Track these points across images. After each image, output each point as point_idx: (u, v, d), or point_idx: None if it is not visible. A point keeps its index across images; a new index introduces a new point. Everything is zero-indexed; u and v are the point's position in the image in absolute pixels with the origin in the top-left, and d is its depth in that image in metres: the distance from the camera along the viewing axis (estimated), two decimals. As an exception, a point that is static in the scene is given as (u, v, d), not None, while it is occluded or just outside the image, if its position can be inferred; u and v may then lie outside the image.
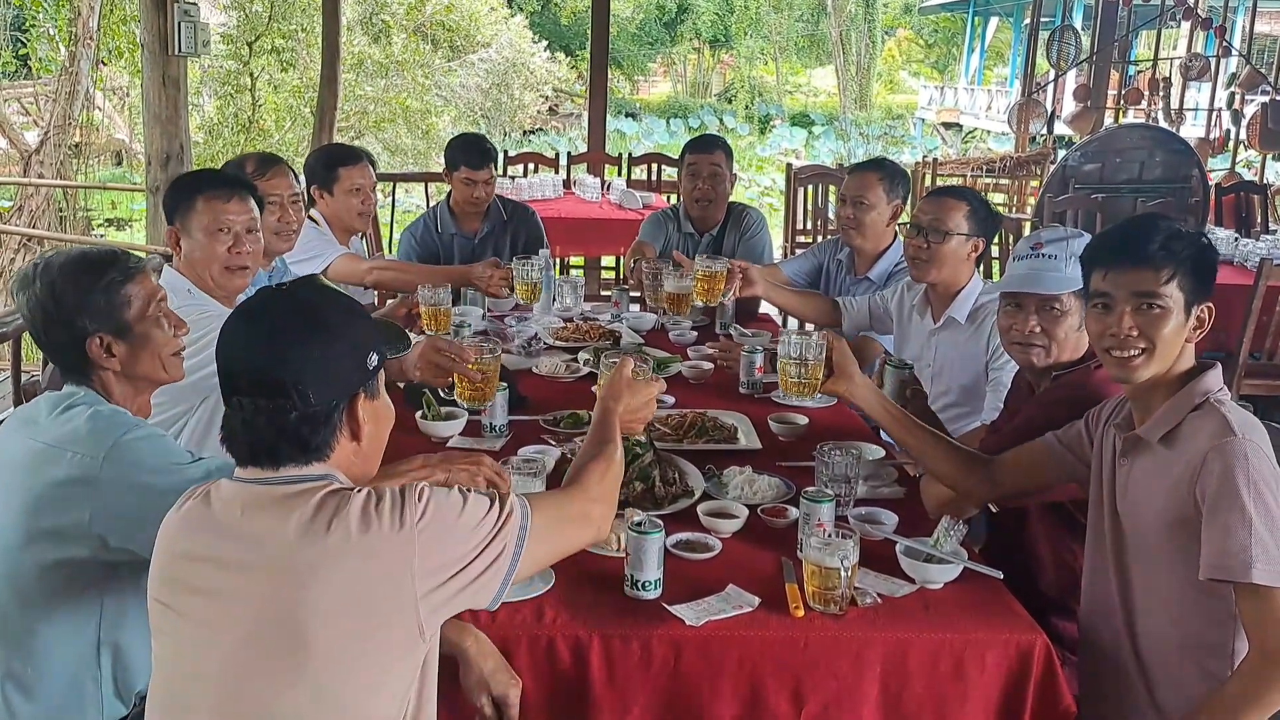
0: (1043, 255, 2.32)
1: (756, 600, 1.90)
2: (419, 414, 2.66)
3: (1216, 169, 9.29)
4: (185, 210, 2.57)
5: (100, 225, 12.51)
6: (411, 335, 2.62)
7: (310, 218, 3.85)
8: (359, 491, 1.42)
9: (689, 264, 3.52)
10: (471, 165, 4.23)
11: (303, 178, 3.72)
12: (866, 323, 3.49)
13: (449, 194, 4.40)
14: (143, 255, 2.30)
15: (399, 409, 1.78)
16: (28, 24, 11.21)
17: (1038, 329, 2.33)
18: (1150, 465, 1.90)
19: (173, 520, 1.47)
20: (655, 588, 1.90)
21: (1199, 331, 1.90)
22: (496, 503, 1.49)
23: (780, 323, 4.41)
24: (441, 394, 2.64)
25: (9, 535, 1.82)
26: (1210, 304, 1.90)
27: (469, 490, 1.50)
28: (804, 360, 2.34)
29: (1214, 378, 1.89)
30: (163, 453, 1.82)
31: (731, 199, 4.32)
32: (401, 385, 2.71)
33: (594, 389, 3.07)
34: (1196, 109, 10.43)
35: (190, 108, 5.60)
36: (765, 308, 4.35)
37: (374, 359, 1.51)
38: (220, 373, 1.47)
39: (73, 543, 1.78)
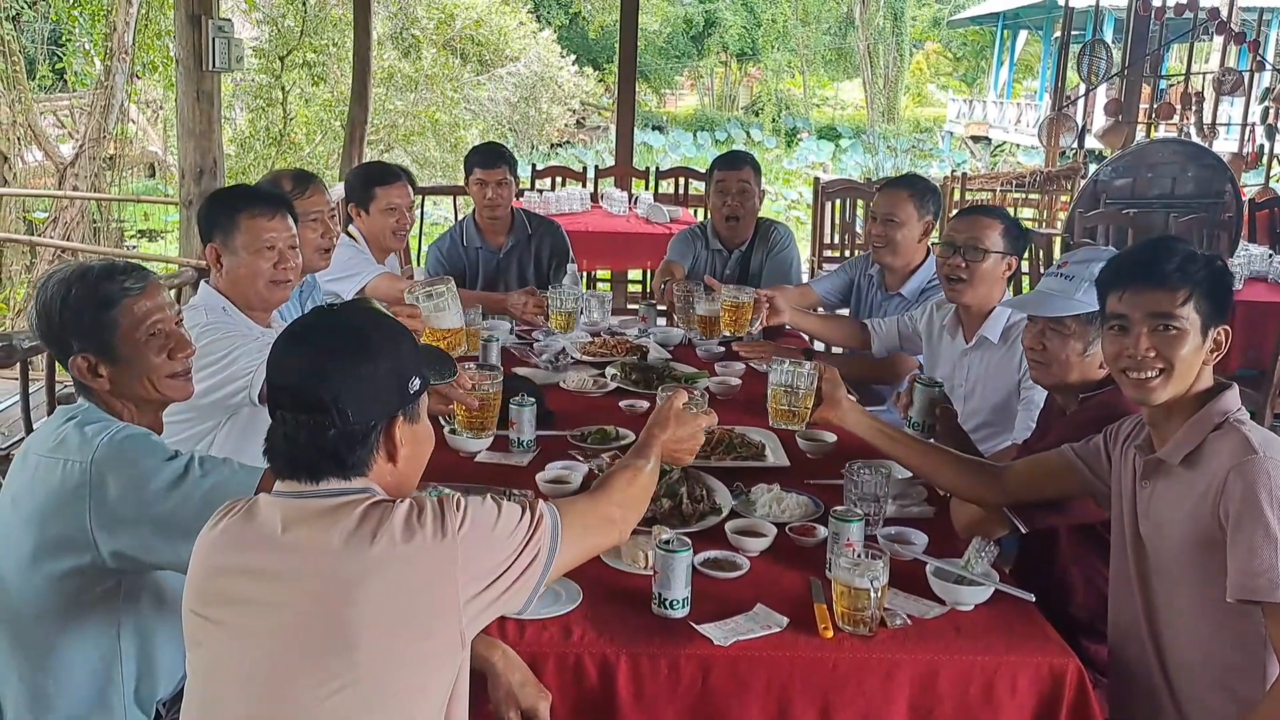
0: (1061, 275, 2.32)
1: (785, 620, 1.89)
2: (447, 429, 2.67)
3: (1250, 184, 9.20)
4: (227, 228, 2.57)
5: (133, 236, 12.65)
6: None
7: (348, 234, 3.87)
8: (401, 503, 1.46)
9: (720, 287, 3.52)
10: (484, 165, 4.25)
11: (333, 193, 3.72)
12: (896, 343, 3.48)
13: (473, 209, 4.43)
14: (165, 273, 2.30)
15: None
16: (64, 38, 11.35)
17: (1039, 345, 2.33)
18: (1172, 487, 1.88)
19: (210, 535, 1.50)
20: (683, 606, 1.89)
21: (1216, 354, 1.89)
22: (527, 510, 1.56)
23: (807, 339, 4.40)
24: (443, 421, 2.63)
25: (21, 550, 1.84)
26: (1227, 326, 1.89)
27: (502, 499, 1.55)
28: (794, 389, 2.35)
29: (1232, 398, 1.88)
30: (145, 449, 1.83)
31: (759, 214, 4.32)
32: None
33: (621, 404, 3.09)
34: (1229, 124, 10.32)
35: (222, 121, 5.64)
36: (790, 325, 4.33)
37: (415, 383, 1.56)
38: (268, 387, 1.52)
39: (79, 551, 1.80)
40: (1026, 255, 5.88)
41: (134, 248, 11.99)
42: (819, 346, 4.41)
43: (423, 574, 1.42)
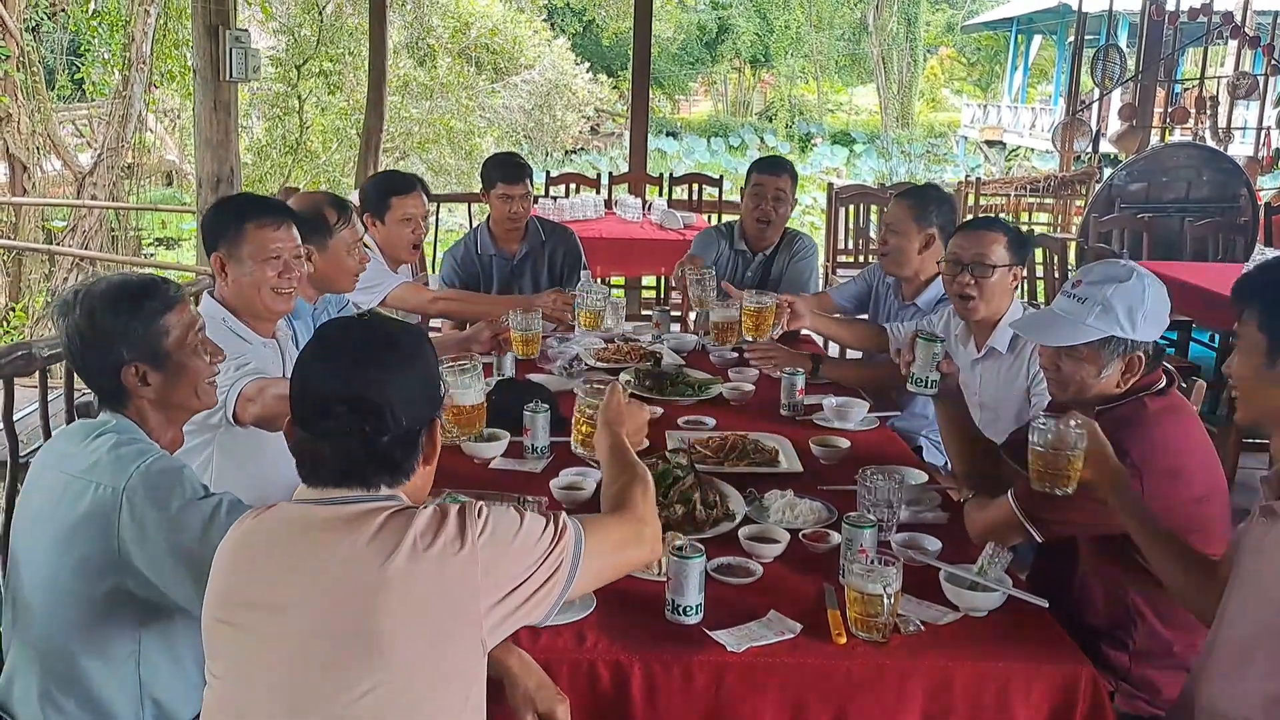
0: (1074, 296, 2.22)
1: (798, 626, 1.89)
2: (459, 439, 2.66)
3: (1266, 188, 9.16)
4: (234, 238, 2.57)
5: (150, 245, 12.74)
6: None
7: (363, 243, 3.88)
8: (424, 509, 1.49)
9: (737, 294, 3.52)
10: (507, 180, 4.27)
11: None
12: None
13: (488, 216, 4.44)
14: (182, 281, 2.29)
15: None
16: (83, 49, 11.44)
17: (1054, 367, 2.27)
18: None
19: (229, 543, 1.52)
20: (696, 613, 1.90)
21: None
22: (551, 521, 1.56)
23: (821, 344, 4.40)
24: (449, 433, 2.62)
25: (45, 570, 1.84)
26: None
27: (525, 509, 1.57)
28: (1061, 452, 1.99)
29: None
30: (179, 484, 1.81)
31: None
32: None
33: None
34: (1245, 127, 10.29)
35: (239, 130, 5.68)
36: (807, 330, 4.33)
37: (442, 386, 1.61)
38: (305, 398, 1.51)
39: (105, 575, 1.80)
40: (1040, 260, 5.85)
41: (151, 256, 12.08)
42: (833, 350, 4.41)
43: (445, 580, 1.43)
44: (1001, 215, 8.36)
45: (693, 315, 4.20)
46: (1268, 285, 1.77)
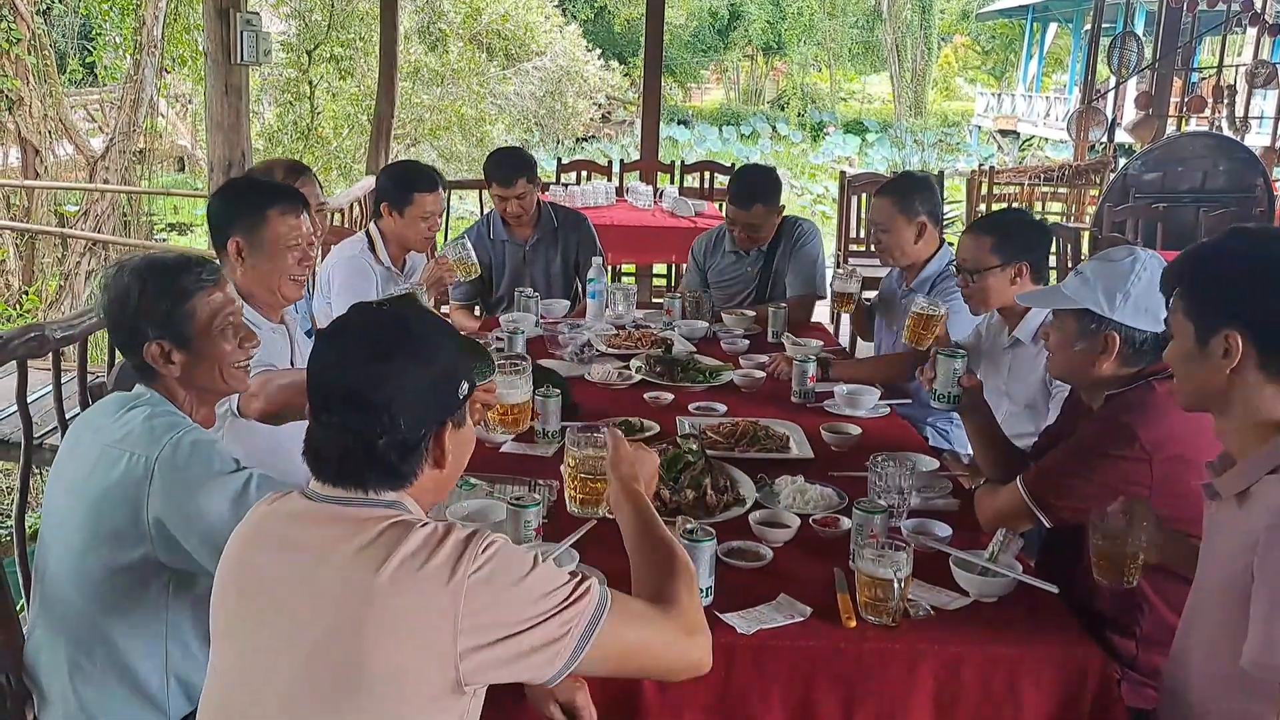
0: (1078, 272, 2.25)
1: (808, 610, 1.89)
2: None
3: (1283, 178, 9.09)
4: (254, 224, 2.55)
5: (162, 230, 12.78)
6: None
7: (368, 234, 3.87)
8: (422, 526, 1.39)
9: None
10: (501, 184, 4.27)
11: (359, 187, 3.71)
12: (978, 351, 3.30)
13: None
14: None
15: None
16: (94, 33, 11.47)
17: (1046, 337, 2.33)
18: (1226, 521, 1.73)
19: (243, 530, 1.49)
20: (707, 595, 1.89)
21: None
22: (572, 581, 1.43)
23: (832, 331, 4.38)
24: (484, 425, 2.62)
25: (75, 537, 1.85)
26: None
27: (544, 557, 1.46)
28: (1121, 552, 1.92)
29: None
30: (210, 458, 1.83)
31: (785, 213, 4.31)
32: None
33: (646, 396, 3.09)
34: (1262, 117, 10.25)
35: (250, 115, 5.68)
36: (818, 315, 4.32)
37: (465, 388, 1.49)
38: (313, 387, 1.45)
39: (134, 544, 1.81)
40: (1054, 250, 5.80)
41: (163, 240, 12.12)
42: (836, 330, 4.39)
43: (423, 608, 1.33)
44: (1014, 205, 8.31)
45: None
46: (1185, 271, 1.77)
